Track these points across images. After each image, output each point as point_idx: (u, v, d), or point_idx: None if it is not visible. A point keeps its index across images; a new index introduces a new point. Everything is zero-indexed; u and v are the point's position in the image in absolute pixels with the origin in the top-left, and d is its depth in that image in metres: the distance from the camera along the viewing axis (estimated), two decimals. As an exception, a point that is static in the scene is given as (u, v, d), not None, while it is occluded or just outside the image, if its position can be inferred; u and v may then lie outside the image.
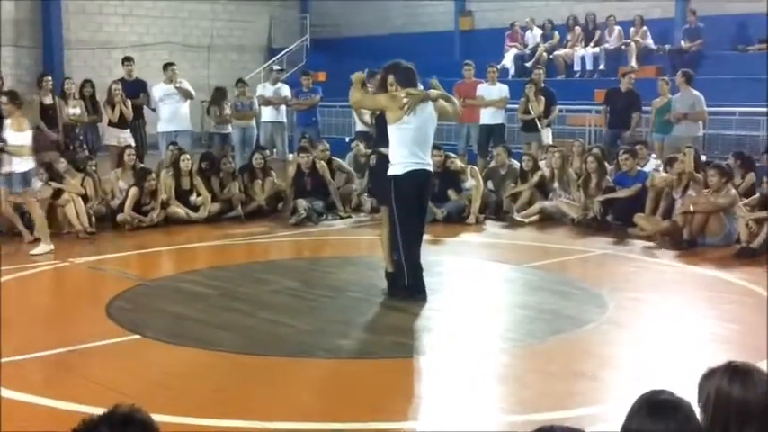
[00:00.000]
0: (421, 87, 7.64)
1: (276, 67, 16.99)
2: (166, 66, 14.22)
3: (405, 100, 7.36)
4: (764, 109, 14.26)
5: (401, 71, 7.56)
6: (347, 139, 15.67)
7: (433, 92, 7.69)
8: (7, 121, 9.69)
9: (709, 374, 2.81)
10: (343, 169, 13.05)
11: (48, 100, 12.98)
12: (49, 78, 13.41)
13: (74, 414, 4.84)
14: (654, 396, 2.67)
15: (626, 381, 5.56)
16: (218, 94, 14.53)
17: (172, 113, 13.82)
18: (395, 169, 7.47)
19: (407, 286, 7.56)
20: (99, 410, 2.46)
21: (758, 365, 2.88)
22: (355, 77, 7.72)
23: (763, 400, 2.72)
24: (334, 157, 13.13)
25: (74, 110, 13.12)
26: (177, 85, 13.86)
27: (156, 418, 2.52)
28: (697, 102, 12.98)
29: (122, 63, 14.55)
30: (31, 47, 21.05)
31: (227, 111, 14.38)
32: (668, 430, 2.57)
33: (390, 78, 7.51)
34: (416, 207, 7.59)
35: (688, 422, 2.61)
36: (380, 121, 7.80)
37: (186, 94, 13.96)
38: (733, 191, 10.05)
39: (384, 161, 7.69)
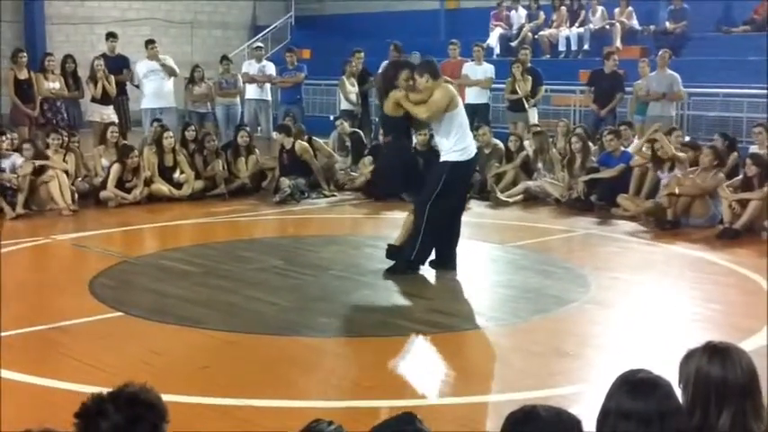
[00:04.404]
0: None
1: (257, 44, 16.90)
2: (147, 43, 14.12)
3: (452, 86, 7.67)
4: (748, 90, 14.31)
5: (429, 66, 7.68)
6: (331, 118, 15.60)
7: None
8: None
9: (689, 355, 2.84)
10: (323, 151, 12.95)
11: (22, 75, 12.88)
12: (24, 53, 13.30)
13: (57, 391, 4.83)
14: (632, 375, 2.69)
15: (608, 360, 5.60)
16: (194, 73, 14.38)
17: (156, 90, 13.75)
18: (458, 156, 7.53)
19: (411, 260, 7.67)
20: (83, 388, 2.45)
21: (738, 345, 2.91)
22: (400, 97, 7.59)
23: (741, 379, 2.75)
24: (314, 138, 13.03)
25: (53, 84, 13.01)
26: (162, 62, 13.77)
27: (141, 395, 2.51)
28: (675, 82, 13.09)
29: (106, 38, 14.40)
30: (13, 21, 20.82)
31: (202, 90, 14.26)
32: (648, 408, 2.59)
33: (425, 77, 7.49)
34: (465, 190, 7.88)
35: (667, 400, 2.63)
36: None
37: (170, 71, 13.87)
38: (721, 174, 10.02)
39: (406, 150, 7.84)
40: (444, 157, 7.58)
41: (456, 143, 7.53)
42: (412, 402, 4.93)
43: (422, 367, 5.65)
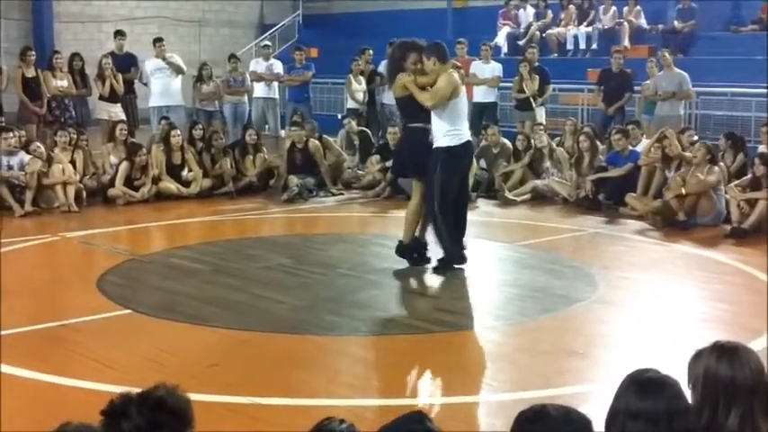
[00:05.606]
0: None
1: (265, 43, 16.91)
2: (155, 41, 14.17)
3: (456, 74, 7.65)
4: (756, 90, 14.27)
5: (437, 49, 7.66)
6: (339, 116, 15.61)
7: None
8: None
9: (698, 355, 2.84)
10: (333, 150, 12.97)
11: (30, 73, 12.92)
12: (32, 51, 13.34)
13: (67, 388, 4.85)
14: (640, 375, 2.70)
15: (616, 359, 5.59)
16: (202, 71, 14.39)
17: (163, 88, 13.78)
18: (449, 141, 7.55)
19: (448, 261, 7.70)
20: (93, 385, 2.46)
21: (746, 345, 2.91)
22: (408, 82, 7.57)
23: (750, 378, 2.75)
24: (325, 136, 13.08)
25: (61, 82, 13.05)
26: (168, 60, 13.80)
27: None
28: (684, 81, 13.10)
29: (114, 37, 14.45)
30: (21, 19, 20.88)
31: (210, 88, 14.27)
32: (656, 408, 2.59)
33: (433, 59, 7.53)
34: (462, 178, 7.82)
35: (676, 400, 2.64)
36: (406, 98, 7.74)
37: (177, 69, 13.90)
38: (717, 168, 10.05)
39: (419, 135, 7.73)
40: (437, 143, 7.59)
41: (449, 129, 7.56)
42: (421, 401, 4.94)
43: (430, 366, 5.65)
